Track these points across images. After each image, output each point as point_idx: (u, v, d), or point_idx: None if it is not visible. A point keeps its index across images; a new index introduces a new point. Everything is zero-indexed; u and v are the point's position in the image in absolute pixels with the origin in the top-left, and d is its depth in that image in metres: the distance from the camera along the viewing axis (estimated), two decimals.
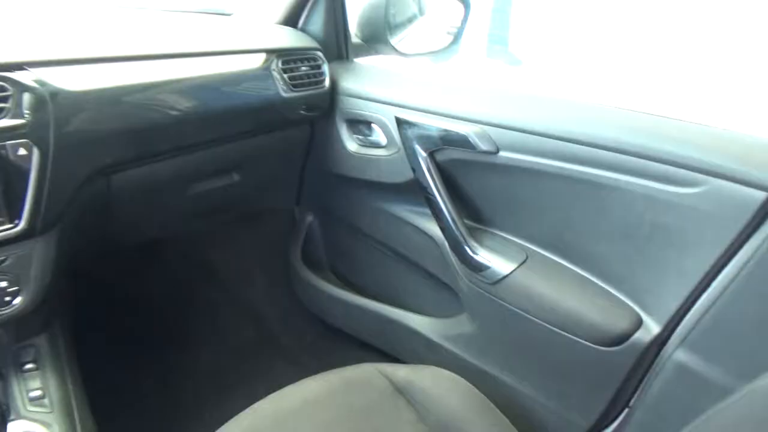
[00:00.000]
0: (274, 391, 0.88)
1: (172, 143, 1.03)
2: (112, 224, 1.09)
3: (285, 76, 1.13)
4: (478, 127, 0.99)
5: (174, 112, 0.99)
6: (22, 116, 0.77)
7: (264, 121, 1.17)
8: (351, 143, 1.24)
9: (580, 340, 0.94)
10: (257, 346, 1.57)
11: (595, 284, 0.96)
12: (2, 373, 0.91)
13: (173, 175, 1.10)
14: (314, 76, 1.19)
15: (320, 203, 1.50)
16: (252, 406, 0.86)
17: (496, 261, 1.03)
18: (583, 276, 0.98)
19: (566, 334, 0.96)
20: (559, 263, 1.01)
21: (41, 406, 0.88)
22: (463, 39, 1.44)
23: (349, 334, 1.49)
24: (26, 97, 0.78)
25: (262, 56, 1.12)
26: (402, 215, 1.22)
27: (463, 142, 1.00)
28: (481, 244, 1.05)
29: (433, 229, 1.13)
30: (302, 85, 1.17)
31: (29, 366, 0.92)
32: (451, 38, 1.38)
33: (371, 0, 1.28)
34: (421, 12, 1.62)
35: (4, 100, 0.76)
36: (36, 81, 0.79)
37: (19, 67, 0.79)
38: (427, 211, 1.12)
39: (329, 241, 1.54)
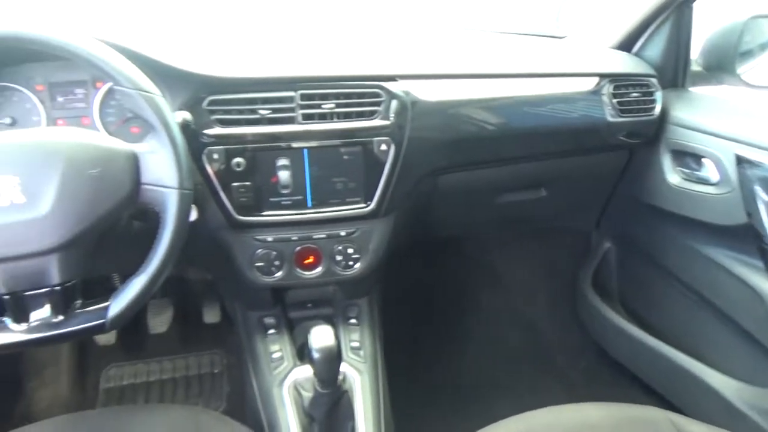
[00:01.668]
0: (539, 404, 0.89)
1: (493, 155, 1.13)
2: (429, 217, 1.24)
3: (614, 101, 1.13)
4: None
5: (499, 127, 1.08)
6: (388, 118, 0.95)
7: (583, 144, 1.18)
8: (673, 175, 1.17)
9: None
10: (530, 358, 1.60)
11: None
12: (333, 322, 1.12)
13: (487, 183, 1.20)
14: (644, 102, 1.16)
15: (622, 231, 1.45)
16: (528, 413, 0.88)
17: None
18: None
19: None
20: None
21: (357, 355, 1.06)
22: None
23: (629, 370, 1.41)
24: (394, 104, 0.95)
25: (594, 80, 1.13)
26: (721, 261, 1.11)
27: None
28: None
29: (761, 284, 1.00)
30: (630, 111, 1.15)
31: (353, 321, 1.12)
32: None
33: (724, 25, 1.18)
34: None
35: (378, 104, 0.94)
36: (403, 91, 0.96)
37: (392, 78, 0.97)
38: (758, 262, 0.99)
39: (625, 271, 1.47)
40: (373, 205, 0.98)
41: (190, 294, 1.62)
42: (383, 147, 0.95)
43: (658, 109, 1.16)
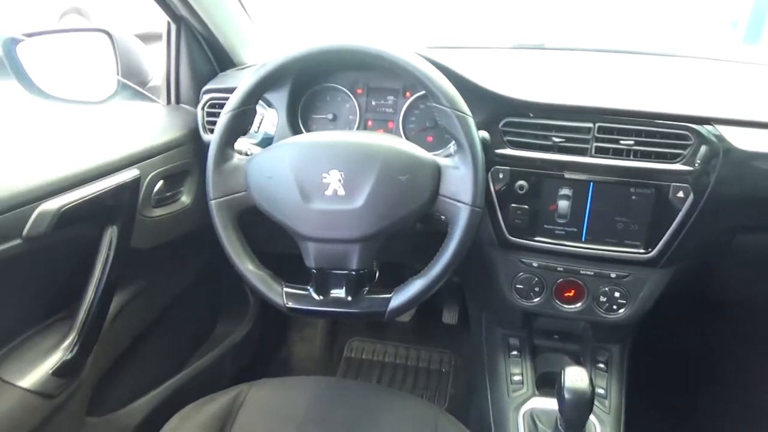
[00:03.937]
0: None
1: None
2: (712, 275, 1.10)
3: None
4: None
5: None
6: (693, 164, 0.86)
7: None
8: None
9: None
10: None
11: None
12: (580, 360, 1.08)
13: None
14: None
15: None
16: None
17: None
18: None
19: None
20: None
21: (602, 404, 1.00)
22: None
23: None
24: (703, 149, 0.86)
25: None
26: None
27: None
28: None
29: None
30: None
31: (601, 366, 1.06)
32: None
33: None
34: None
35: (683, 147, 0.86)
36: (716, 136, 0.86)
37: (706, 121, 0.87)
38: None
39: None
40: (654, 253, 0.91)
41: (435, 292, 1.70)
42: (680, 194, 0.87)
43: None
